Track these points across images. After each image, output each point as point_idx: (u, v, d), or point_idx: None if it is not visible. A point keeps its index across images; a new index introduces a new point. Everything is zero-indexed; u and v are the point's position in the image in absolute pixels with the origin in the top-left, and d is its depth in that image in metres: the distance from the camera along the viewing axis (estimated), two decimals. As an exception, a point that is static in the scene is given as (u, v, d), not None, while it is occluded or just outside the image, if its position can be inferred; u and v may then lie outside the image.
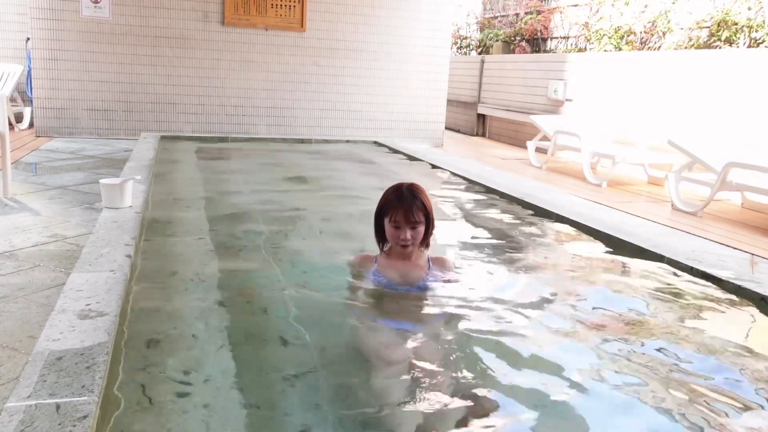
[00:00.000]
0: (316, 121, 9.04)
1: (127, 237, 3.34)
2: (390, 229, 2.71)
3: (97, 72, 8.11)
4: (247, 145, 8.20)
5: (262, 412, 1.99)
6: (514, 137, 10.05)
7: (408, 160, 7.41)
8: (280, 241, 3.93)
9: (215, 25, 8.42)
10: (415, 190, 2.72)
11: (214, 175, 6.09)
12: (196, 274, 3.17)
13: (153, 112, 8.41)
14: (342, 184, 6.02)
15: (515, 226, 4.49)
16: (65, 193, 4.74)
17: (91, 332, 2.12)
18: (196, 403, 1.96)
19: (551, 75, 9.19)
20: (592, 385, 2.20)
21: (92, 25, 7.99)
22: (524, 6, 12.30)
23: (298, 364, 2.28)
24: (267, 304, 2.88)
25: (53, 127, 8.09)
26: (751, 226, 4.80)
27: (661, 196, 5.85)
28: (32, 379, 1.79)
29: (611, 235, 3.98)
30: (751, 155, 5.11)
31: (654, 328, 2.72)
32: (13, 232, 3.64)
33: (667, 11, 8.54)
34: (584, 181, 6.52)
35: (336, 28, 8.87)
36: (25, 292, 2.75)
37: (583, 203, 5.09)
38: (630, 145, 7.01)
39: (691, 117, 6.68)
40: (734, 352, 2.51)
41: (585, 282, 3.36)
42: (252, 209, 4.68)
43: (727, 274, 3.26)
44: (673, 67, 7.07)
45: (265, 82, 8.75)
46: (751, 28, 7.46)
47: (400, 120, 9.39)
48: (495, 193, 5.42)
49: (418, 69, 9.30)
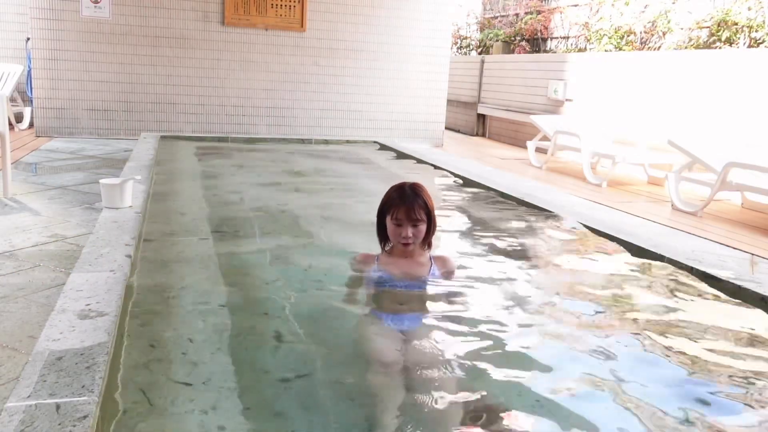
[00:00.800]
0: (316, 121, 9.04)
1: (127, 237, 3.34)
2: (391, 227, 2.72)
3: (97, 72, 8.11)
4: (246, 146, 8.20)
5: (263, 412, 1.99)
6: (514, 137, 10.05)
7: (407, 160, 7.41)
8: (280, 240, 3.92)
9: (215, 25, 8.42)
10: (417, 188, 2.73)
11: (214, 174, 6.08)
12: (196, 273, 3.17)
13: (153, 112, 8.41)
14: (342, 183, 6.02)
15: (515, 226, 4.49)
16: (65, 193, 4.74)
17: (91, 332, 2.12)
18: (195, 404, 1.96)
19: (551, 75, 9.19)
20: (593, 385, 2.19)
21: (92, 25, 7.99)
22: (524, 6, 12.30)
23: (300, 364, 2.28)
24: (267, 303, 2.88)
25: (53, 127, 8.09)
26: (751, 226, 4.80)
27: (661, 196, 5.85)
28: (32, 379, 1.79)
29: (611, 235, 3.98)
30: (751, 155, 5.11)
31: (653, 328, 2.72)
32: (13, 232, 3.64)
33: (667, 11, 8.54)
34: (584, 181, 6.52)
35: (336, 28, 8.87)
36: (25, 292, 2.75)
37: (583, 203, 5.08)
38: (630, 145, 7.01)
39: (691, 117, 6.68)
40: (734, 352, 2.51)
41: (585, 282, 3.36)
42: (252, 208, 4.68)
43: (727, 274, 3.26)
44: (673, 67, 7.07)
45: (265, 82, 8.75)
46: (751, 28, 7.46)
47: (400, 120, 9.39)
48: (495, 193, 5.42)
49: (418, 69, 9.30)
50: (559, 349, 2.51)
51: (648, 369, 2.32)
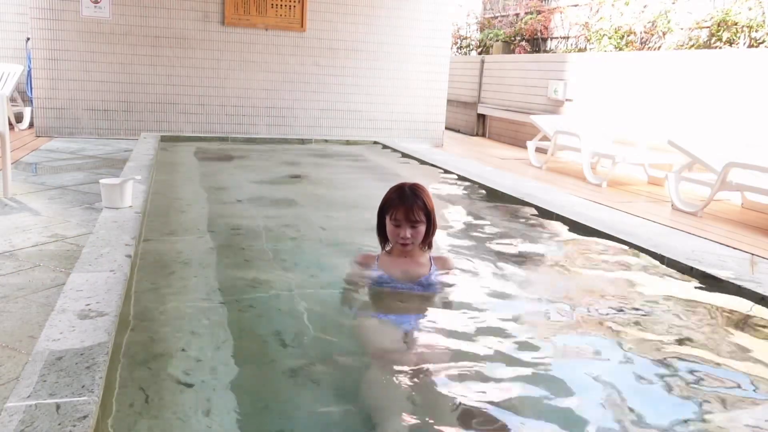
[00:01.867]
0: (316, 121, 9.04)
1: (127, 237, 3.34)
2: (390, 227, 2.72)
3: (97, 72, 8.11)
4: (246, 146, 8.20)
5: (263, 411, 1.99)
6: (514, 137, 10.05)
7: (407, 159, 7.41)
8: (280, 239, 3.93)
9: (215, 25, 8.42)
10: (417, 189, 2.73)
11: (214, 173, 6.08)
12: (196, 273, 3.17)
13: (153, 112, 8.41)
14: (342, 183, 6.02)
15: (515, 226, 4.49)
16: (65, 193, 4.74)
17: (91, 332, 2.12)
18: (195, 403, 1.96)
19: (551, 75, 9.19)
20: (592, 384, 2.20)
21: (92, 25, 7.99)
22: (524, 6, 12.30)
23: (300, 363, 2.28)
24: (267, 302, 2.88)
25: (53, 127, 8.09)
26: (751, 226, 4.80)
27: (661, 196, 5.85)
28: (32, 379, 1.79)
29: (611, 235, 3.98)
30: (751, 155, 5.11)
31: (653, 327, 2.72)
32: (13, 232, 3.64)
33: (667, 11, 8.54)
34: (584, 181, 6.52)
35: (336, 28, 8.87)
36: (25, 292, 2.75)
37: (583, 203, 5.08)
38: (630, 145, 7.01)
39: (691, 117, 6.68)
40: (734, 352, 2.50)
41: (585, 282, 3.36)
42: (252, 207, 4.68)
43: (727, 274, 3.26)
44: (673, 68, 7.07)
45: (265, 82, 8.75)
46: (751, 28, 7.46)
47: (400, 120, 9.39)
48: (495, 193, 5.42)
49: (418, 69, 9.30)
50: (558, 348, 2.51)
51: (647, 368, 2.32)
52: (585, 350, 2.50)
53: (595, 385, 2.20)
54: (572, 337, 2.62)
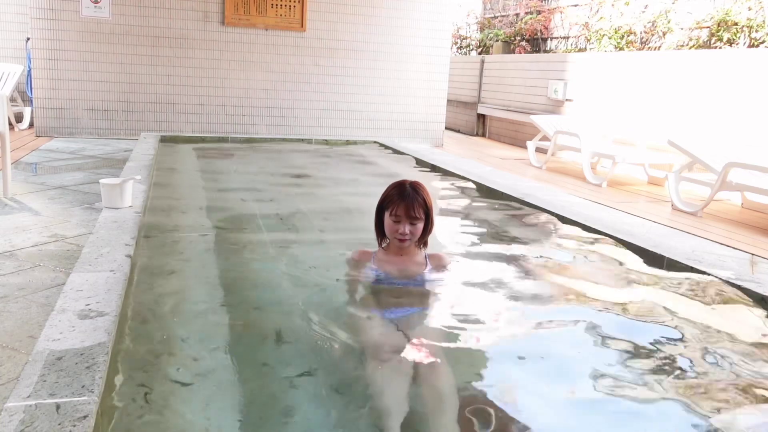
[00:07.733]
0: (316, 121, 9.04)
1: (127, 237, 3.34)
2: (389, 223, 2.73)
3: (97, 72, 8.11)
4: (246, 145, 8.20)
5: (262, 410, 1.99)
6: (514, 137, 10.05)
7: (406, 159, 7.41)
8: (279, 237, 3.92)
9: (215, 25, 8.42)
10: (417, 187, 2.74)
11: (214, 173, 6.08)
12: (196, 272, 3.17)
13: (153, 112, 8.41)
14: (342, 182, 6.02)
15: (514, 226, 4.49)
16: (65, 193, 4.74)
17: (91, 332, 2.12)
18: (195, 402, 1.96)
19: (551, 75, 9.19)
20: (591, 384, 2.20)
21: (92, 25, 7.99)
22: (524, 6, 12.30)
23: (298, 361, 2.28)
24: (266, 300, 2.88)
25: (53, 127, 8.09)
26: (751, 226, 4.80)
27: (661, 196, 5.85)
28: (32, 379, 1.79)
29: (611, 235, 3.98)
30: (751, 155, 5.11)
31: (653, 327, 2.72)
32: (13, 232, 3.64)
33: (667, 11, 8.54)
34: (584, 181, 6.52)
35: (336, 28, 8.87)
36: (25, 292, 2.75)
37: (583, 203, 5.09)
38: (630, 145, 7.01)
39: (691, 117, 6.68)
40: (734, 352, 2.50)
41: (584, 282, 3.36)
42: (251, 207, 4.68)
43: (727, 274, 3.26)
44: (673, 67, 7.07)
45: (265, 82, 8.75)
46: (751, 28, 7.46)
47: (400, 120, 9.39)
48: (495, 193, 5.42)
49: (418, 69, 9.30)
50: (556, 347, 2.51)
51: (645, 368, 2.32)
52: (583, 349, 2.50)
53: (594, 384, 2.20)
54: (569, 336, 2.62)
